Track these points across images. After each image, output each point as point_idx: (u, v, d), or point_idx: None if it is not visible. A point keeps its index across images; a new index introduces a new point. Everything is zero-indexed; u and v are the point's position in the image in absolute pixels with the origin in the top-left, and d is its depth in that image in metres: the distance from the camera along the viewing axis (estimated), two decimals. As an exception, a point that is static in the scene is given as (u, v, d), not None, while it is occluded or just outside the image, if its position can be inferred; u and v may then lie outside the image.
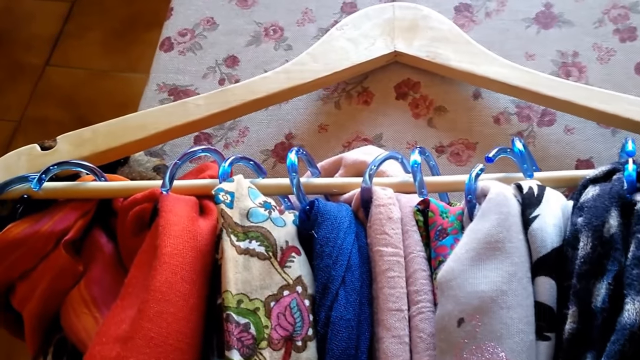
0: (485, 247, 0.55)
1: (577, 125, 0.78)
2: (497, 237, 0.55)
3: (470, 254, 0.55)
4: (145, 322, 0.53)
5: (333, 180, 0.67)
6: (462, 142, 0.78)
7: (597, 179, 0.60)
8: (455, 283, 0.55)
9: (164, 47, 0.89)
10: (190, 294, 0.56)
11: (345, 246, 0.58)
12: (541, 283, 0.55)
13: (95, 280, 0.64)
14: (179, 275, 0.55)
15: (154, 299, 0.54)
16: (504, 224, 0.56)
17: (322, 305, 0.56)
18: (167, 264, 0.55)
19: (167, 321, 0.54)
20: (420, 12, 0.80)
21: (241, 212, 0.58)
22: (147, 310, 0.53)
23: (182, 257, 0.56)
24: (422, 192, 0.63)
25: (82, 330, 0.61)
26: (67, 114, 1.92)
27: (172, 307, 0.54)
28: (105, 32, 2.08)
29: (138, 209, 0.62)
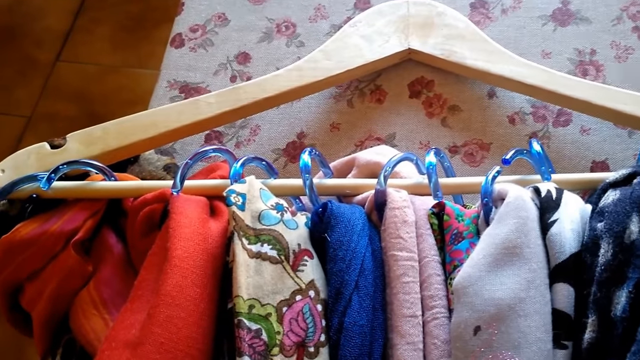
0: (503, 252, 0.54)
1: (593, 125, 0.77)
2: (515, 243, 0.54)
3: (488, 260, 0.54)
4: (155, 327, 0.52)
5: (346, 181, 0.66)
6: (476, 143, 0.77)
7: (617, 183, 0.58)
8: (472, 289, 0.53)
9: (174, 43, 0.88)
10: (200, 298, 0.55)
11: (358, 250, 0.57)
12: (559, 290, 0.54)
13: (104, 281, 0.63)
14: (190, 279, 0.55)
15: (164, 303, 0.53)
16: (522, 229, 0.55)
17: (334, 311, 0.55)
18: (177, 267, 0.54)
19: (178, 326, 0.53)
20: (436, 9, 0.78)
21: (253, 214, 0.57)
22: (157, 315, 0.53)
23: (193, 261, 0.55)
24: (437, 194, 0.61)
25: (90, 332, 0.60)
26: (78, 110, 1.92)
27: (182, 312, 0.53)
28: (116, 28, 2.08)
29: (148, 209, 0.61)
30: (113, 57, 2.03)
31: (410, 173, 0.66)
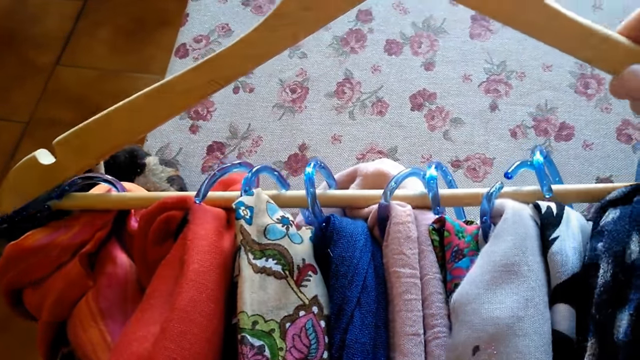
0: (501, 270, 0.54)
1: (595, 140, 0.77)
2: (513, 260, 0.54)
3: (486, 277, 0.54)
4: (169, 343, 0.53)
5: (350, 193, 0.66)
6: (479, 157, 0.78)
7: (617, 201, 0.58)
8: (470, 308, 0.54)
9: (179, 53, 0.88)
10: (214, 314, 0.55)
11: (361, 266, 0.58)
12: (560, 311, 0.54)
13: (103, 292, 0.63)
14: (205, 294, 0.55)
15: (178, 318, 0.53)
16: (520, 246, 0.55)
17: (337, 328, 0.56)
18: (193, 281, 0.55)
19: (191, 342, 0.53)
20: None
21: (259, 228, 0.58)
22: (171, 330, 0.53)
23: (209, 275, 0.56)
24: (437, 209, 0.62)
25: (88, 344, 0.61)
26: (77, 115, 1.91)
27: (196, 328, 0.54)
28: (116, 32, 2.09)
29: (165, 216, 0.61)
30: (113, 61, 2.04)
31: (415, 187, 0.66)
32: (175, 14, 2.04)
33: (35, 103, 1.95)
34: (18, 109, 1.95)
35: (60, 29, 2.09)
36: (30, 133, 1.89)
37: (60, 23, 2.11)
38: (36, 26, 2.12)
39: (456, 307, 0.54)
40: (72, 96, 1.97)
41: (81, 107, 1.93)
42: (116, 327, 0.61)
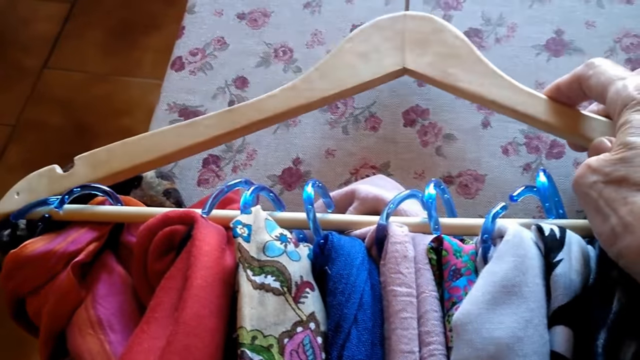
0: (502, 290, 0.55)
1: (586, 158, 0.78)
2: (514, 281, 0.56)
3: (487, 297, 0.55)
4: (174, 356, 0.54)
5: (349, 218, 0.68)
6: (471, 174, 0.79)
7: None
8: (471, 327, 0.55)
9: (175, 66, 0.89)
10: (217, 329, 0.57)
11: (358, 284, 0.59)
12: (559, 332, 0.55)
13: (101, 300, 0.65)
14: (208, 309, 0.56)
15: (183, 332, 0.55)
16: (521, 267, 0.56)
17: (334, 344, 0.57)
18: (197, 296, 0.56)
19: (195, 356, 0.55)
20: (434, 24, 0.77)
21: (258, 245, 0.59)
22: (176, 344, 0.54)
23: (212, 290, 0.57)
24: (437, 228, 0.63)
25: (86, 352, 0.62)
26: (64, 119, 1.92)
27: (200, 342, 0.55)
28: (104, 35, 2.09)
29: (169, 230, 0.63)
30: (101, 64, 2.04)
31: (412, 210, 0.67)
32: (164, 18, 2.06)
33: (22, 106, 1.96)
34: (5, 112, 1.95)
35: (48, 32, 2.10)
36: (18, 136, 1.89)
37: (48, 26, 2.11)
38: (24, 29, 2.12)
39: (457, 325, 0.55)
40: (60, 99, 1.97)
41: (68, 110, 1.94)
42: (115, 336, 0.63)
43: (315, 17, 0.92)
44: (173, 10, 2.10)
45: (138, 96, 1.92)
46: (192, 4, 0.94)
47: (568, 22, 0.88)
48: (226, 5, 0.94)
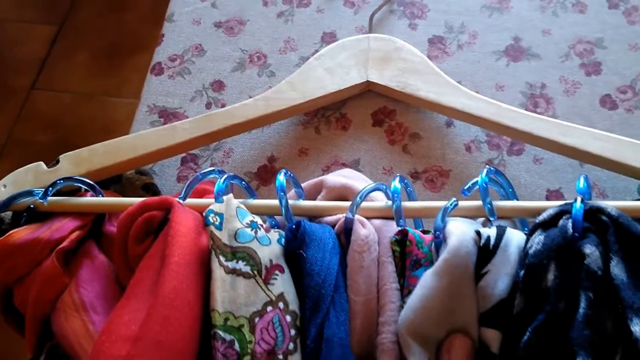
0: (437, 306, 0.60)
1: (545, 155, 0.83)
2: (450, 294, 0.60)
3: (425, 306, 0.60)
4: (154, 325, 0.57)
5: (319, 204, 0.72)
6: (436, 170, 0.83)
7: (545, 223, 0.63)
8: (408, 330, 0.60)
9: (154, 71, 0.94)
10: (194, 302, 0.60)
11: (331, 267, 0.63)
12: (486, 333, 0.60)
13: (84, 284, 0.68)
14: (185, 284, 0.60)
15: (162, 304, 0.58)
16: (456, 282, 0.60)
17: (312, 322, 0.61)
18: (174, 272, 0.60)
19: (174, 326, 0.58)
20: (394, 44, 0.86)
21: (230, 233, 0.63)
22: (156, 315, 0.58)
23: (189, 267, 0.61)
24: (400, 222, 0.67)
25: (70, 333, 0.65)
26: (52, 138, 1.95)
27: (178, 313, 0.58)
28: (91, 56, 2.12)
29: (148, 215, 0.66)
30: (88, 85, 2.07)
31: (379, 198, 0.72)
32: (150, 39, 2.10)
33: (11, 125, 1.99)
34: (-5, 131, 1.98)
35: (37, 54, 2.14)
36: (8, 154, 1.93)
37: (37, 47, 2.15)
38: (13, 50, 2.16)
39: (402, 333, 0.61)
40: (48, 119, 2.01)
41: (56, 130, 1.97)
42: (98, 318, 0.66)
43: (288, 26, 0.97)
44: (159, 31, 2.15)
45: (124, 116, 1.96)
46: (171, 12, 1.00)
47: (525, 30, 0.93)
48: (204, 14, 0.99)
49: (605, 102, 0.86)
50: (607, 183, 0.79)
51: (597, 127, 0.76)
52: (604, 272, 0.57)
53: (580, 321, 0.55)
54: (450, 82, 0.82)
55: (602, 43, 0.91)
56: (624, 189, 0.77)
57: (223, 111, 0.82)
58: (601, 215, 0.61)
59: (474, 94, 0.80)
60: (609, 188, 0.79)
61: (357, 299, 0.63)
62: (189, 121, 0.81)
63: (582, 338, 0.55)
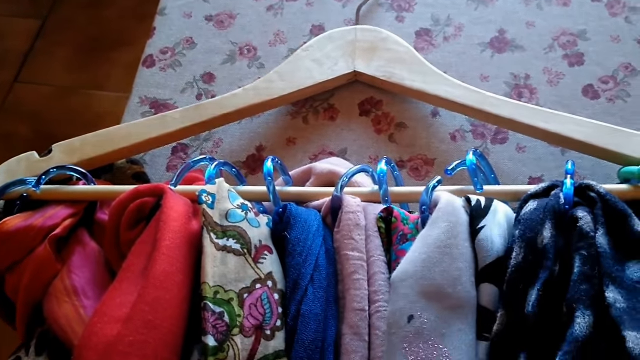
0: (435, 251, 0.63)
1: (528, 144, 0.86)
2: (446, 243, 0.63)
3: (422, 257, 0.63)
4: (144, 306, 0.60)
5: (306, 190, 0.75)
6: (421, 158, 0.86)
7: (538, 195, 0.67)
8: (407, 283, 0.63)
9: (146, 63, 0.96)
10: (184, 284, 0.63)
11: (314, 247, 0.66)
12: (484, 289, 0.63)
13: (76, 270, 0.70)
14: (175, 267, 0.63)
15: (152, 286, 0.61)
16: (452, 232, 0.64)
17: (292, 300, 0.64)
18: (165, 255, 0.62)
19: (164, 307, 0.61)
20: (380, 35, 0.88)
21: (221, 213, 0.66)
22: (147, 296, 0.61)
23: (179, 251, 0.63)
24: (387, 200, 0.70)
25: (62, 317, 0.67)
26: (34, 131, 1.96)
27: (168, 295, 0.61)
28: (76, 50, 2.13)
29: (140, 202, 0.69)
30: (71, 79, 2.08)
31: (364, 183, 0.75)
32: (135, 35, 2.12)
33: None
34: (-23, 124, 1.99)
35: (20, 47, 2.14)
36: (-12, 147, 1.94)
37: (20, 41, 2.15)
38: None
39: (395, 282, 0.64)
40: (29, 112, 2.01)
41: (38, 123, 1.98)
42: (89, 303, 0.68)
43: (278, 19, 1.00)
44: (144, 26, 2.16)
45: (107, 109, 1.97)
46: (163, 6, 1.02)
47: (510, 22, 0.96)
48: (195, 7, 1.02)
49: (587, 92, 0.90)
50: (588, 170, 0.82)
51: (579, 116, 0.79)
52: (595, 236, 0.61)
53: (576, 279, 0.59)
54: (435, 71, 0.85)
55: (585, 35, 0.94)
56: (605, 176, 0.80)
57: (213, 101, 0.84)
58: (590, 192, 0.65)
59: (458, 83, 0.83)
60: (589, 175, 0.82)
61: (354, 254, 0.66)
62: (180, 111, 0.83)
63: (580, 293, 0.58)
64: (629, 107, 0.88)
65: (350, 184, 0.72)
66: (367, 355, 0.63)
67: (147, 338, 0.59)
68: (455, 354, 0.60)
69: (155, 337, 0.60)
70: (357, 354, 0.62)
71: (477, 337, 0.62)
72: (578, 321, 0.57)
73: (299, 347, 0.61)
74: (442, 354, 0.60)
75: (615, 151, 0.75)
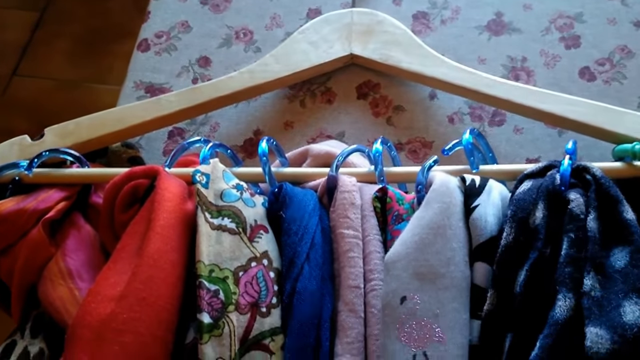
0: (428, 232, 0.64)
1: (525, 125, 0.86)
2: (439, 224, 0.64)
3: (415, 238, 0.64)
4: (138, 284, 0.61)
5: (302, 170, 0.76)
6: (419, 141, 0.87)
7: (533, 174, 0.68)
8: (400, 264, 0.64)
9: (141, 47, 0.97)
10: (177, 262, 0.64)
11: (310, 226, 0.67)
12: (478, 268, 0.64)
13: (71, 253, 0.71)
14: (170, 245, 0.64)
15: (146, 264, 0.62)
16: (445, 212, 0.65)
17: (288, 278, 0.65)
18: (159, 234, 0.63)
19: (157, 284, 0.62)
20: (376, 17, 0.89)
21: (215, 192, 0.67)
22: (141, 274, 0.62)
23: (173, 230, 0.64)
24: (382, 179, 0.71)
25: (57, 299, 0.68)
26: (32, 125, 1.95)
27: (162, 273, 0.62)
28: (74, 43, 2.13)
29: (134, 184, 0.69)
30: (71, 71, 2.08)
31: (361, 164, 0.76)
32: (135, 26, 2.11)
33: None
34: (-26, 118, 1.99)
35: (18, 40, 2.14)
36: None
37: (18, 33, 2.16)
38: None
39: (388, 263, 0.64)
40: (28, 106, 2.02)
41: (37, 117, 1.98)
42: (84, 285, 0.69)
43: (274, 2, 1.00)
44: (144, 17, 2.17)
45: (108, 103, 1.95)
46: (158, -10, 1.02)
47: (507, 4, 0.97)
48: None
49: (584, 74, 0.90)
50: (583, 151, 0.82)
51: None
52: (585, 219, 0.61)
53: (562, 261, 0.59)
54: (431, 52, 0.85)
55: (581, 17, 0.95)
56: (600, 156, 0.80)
57: (208, 84, 0.85)
58: (586, 174, 0.65)
59: (455, 64, 0.84)
60: (585, 155, 0.82)
61: (349, 232, 0.67)
62: (175, 94, 0.84)
63: (564, 275, 0.59)
64: (625, 89, 0.88)
65: (346, 164, 0.72)
66: (362, 331, 0.63)
67: (140, 315, 0.60)
68: (448, 333, 0.61)
69: (149, 314, 0.61)
70: (353, 330, 0.63)
71: (471, 316, 0.62)
72: (559, 304, 0.57)
73: (294, 324, 0.62)
74: (435, 333, 0.61)
75: (609, 129, 0.75)
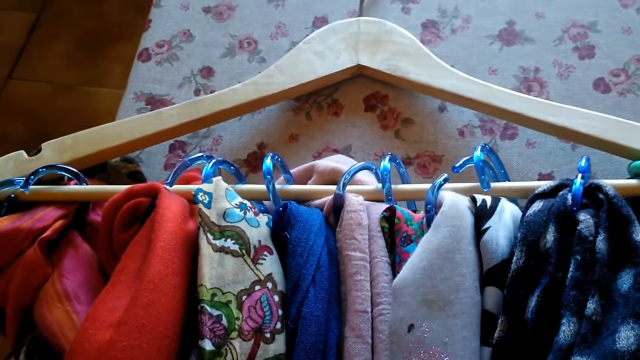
0: (437, 257, 0.62)
1: (538, 139, 0.85)
2: (448, 249, 0.63)
3: (423, 264, 0.63)
4: (138, 310, 0.60)
5: (307, 187, 0.74)
6: (429, 155, 0.85)
7: (545, 194, 0.66)
8: (407, 291, 0.62)
9: (141, 57, 0.95)
10: (179, 286, 0.62)
11: (315, 247, 0.65)
12: (489, 292, 0.62)
13: (68, 274, 0.69)
14: (170, 268, 0.62)
15: (146, 289, 0.60)
16: (455, 236, 0.63)
17: (293, 301, 0.63)
18: (160, 257, 0.62)
19: (158, 310, 0.60)
20: (384, 26, 0.87)
21: (218, 212, 0.65)
22: (140, 299, 0.60)
23: (174, 252, 0.63)
24: (390, 199, 0.70)
25: (53, 323, 0.66)
26: (28, 130, 1.95)
27: (162, 298, 0.61)
28: (72, 45, 2.12)
29: (134, 202, 0.68)
30: (67, 75, 2.07)
31: (369, 181, 0.74)
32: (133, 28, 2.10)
33: (-13, 116, 1.99)
34: (-31, 124, 1.98)
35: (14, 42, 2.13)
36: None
37: (14, 36, 2.14)
38: (-12, 39, 2.15)
39: (396, 289, 0.63)
40: (24, 110, 2.00)
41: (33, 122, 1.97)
42: (82, 307, 0.68)
43: (279, 11, 0.99)
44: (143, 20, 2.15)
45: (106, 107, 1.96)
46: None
47: (519, 13, 0.96)
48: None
49: (598, 85, 0.89)
50: (598, 166, 0.81)
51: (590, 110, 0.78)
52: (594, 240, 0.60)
53: (567, 284, 0.58)
54: (440, 63, 0.84)
55: (595, 27, 0.93)
56: (614, 171, 0.80)
57: (210, 97, 0.84)
58: (599, 193, 0.64)
59: (464, 76, 0.82)
60: (600, 171, 0.81)
61: (356, 254, 0.65)
62: (176, 107, 0.83)
63: (569, 299, 0.58)
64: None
65: (353, 181, 0.71)
66: (369, 358, 0.62)
67: (140, 343, 0.59)
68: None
69: (149, 341, 0.59)
70: (360, 356, 0.62)
71: (481, 343, 0.61)
72: (563, 328, 0.57)
73: (299, 350, 0.61)
74: None
75: (624, 144, 0.74)
